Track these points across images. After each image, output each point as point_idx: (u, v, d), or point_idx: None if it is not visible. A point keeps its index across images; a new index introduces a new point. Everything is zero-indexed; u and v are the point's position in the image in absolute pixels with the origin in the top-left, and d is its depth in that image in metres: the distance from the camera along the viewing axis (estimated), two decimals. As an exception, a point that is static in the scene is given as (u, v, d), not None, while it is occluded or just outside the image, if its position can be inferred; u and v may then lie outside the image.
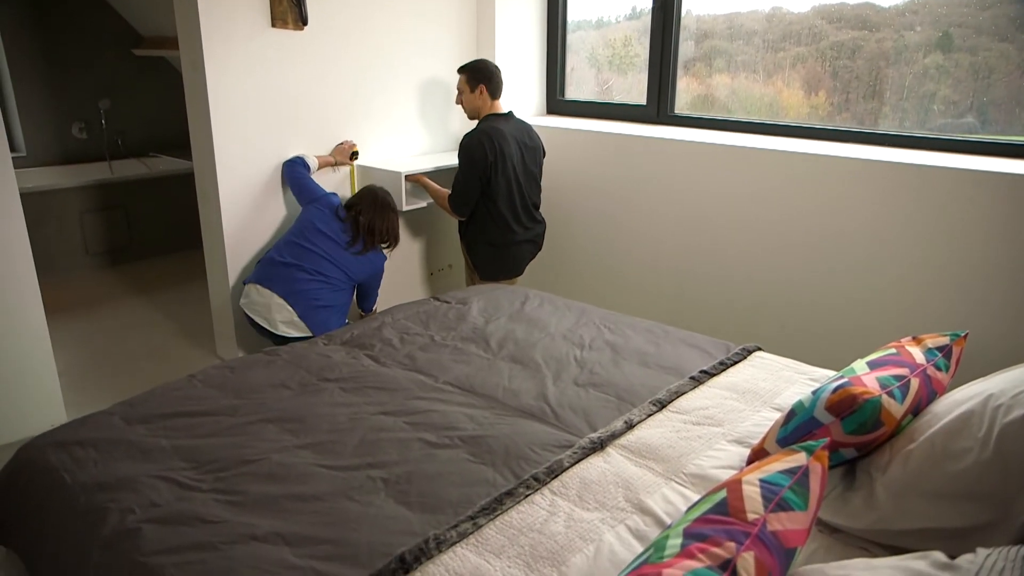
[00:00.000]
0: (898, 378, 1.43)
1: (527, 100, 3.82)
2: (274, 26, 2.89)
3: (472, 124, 3.16)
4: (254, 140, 2.95)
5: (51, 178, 4.37)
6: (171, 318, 3.72)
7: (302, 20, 2.95)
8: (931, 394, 1.47)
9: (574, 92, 3.88)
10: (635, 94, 3.58)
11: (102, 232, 4.40)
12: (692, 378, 1.99)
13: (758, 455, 1.51)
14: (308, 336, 2.75)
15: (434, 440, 1.68)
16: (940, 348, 1.59)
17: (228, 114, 2.83)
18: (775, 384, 1.98)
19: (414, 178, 3.25)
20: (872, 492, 1.33)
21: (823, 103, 3.03)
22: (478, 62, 3.12)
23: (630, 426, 1.75)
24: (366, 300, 3.14)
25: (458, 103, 3.18)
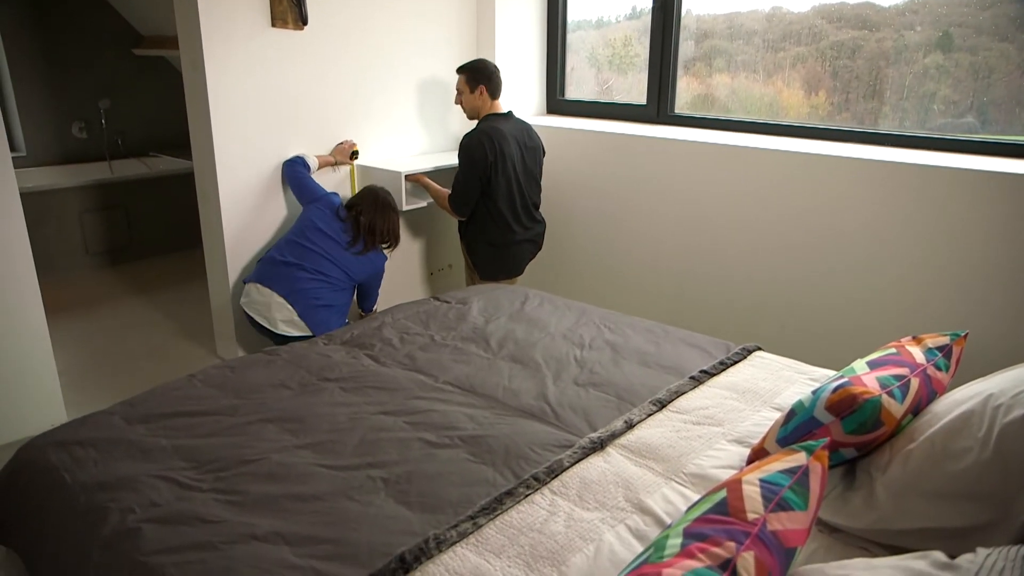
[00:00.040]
0: (898, 378, 1.43)
1: (527, 100, 3.82)
2: (274, 26, 2.89)
3: (472, 124, 3.16)
4: (254, 140, 2.95)
5: (51, 178, 4.38)
6: (171, 318, 3.72)
7: (302, 20, 2.96)
8: (931, 394, 1.47)
9: (574, 92, 3.88)
10: (635, 94, 3.58)
11: (102, 232, 4.40)
12: (692, 378, 1.99)
13: (758, 455, 1.51)
14: (308, 335, 2.76)
15: (434, 440, 1.68)
16: (940, 348, 1.59)
17: (228, 114, 2.84)
18: (775, 384, 1.98)
19: (414, 178, 3.25)
20: (872, 492, 1.33)
21: (823, 103, 3.03)
22: (477, 62, 3.12)
23: (630, 426, 1.75)
24: (366, 300, 3.14)
25: (457, 103, 3.18)
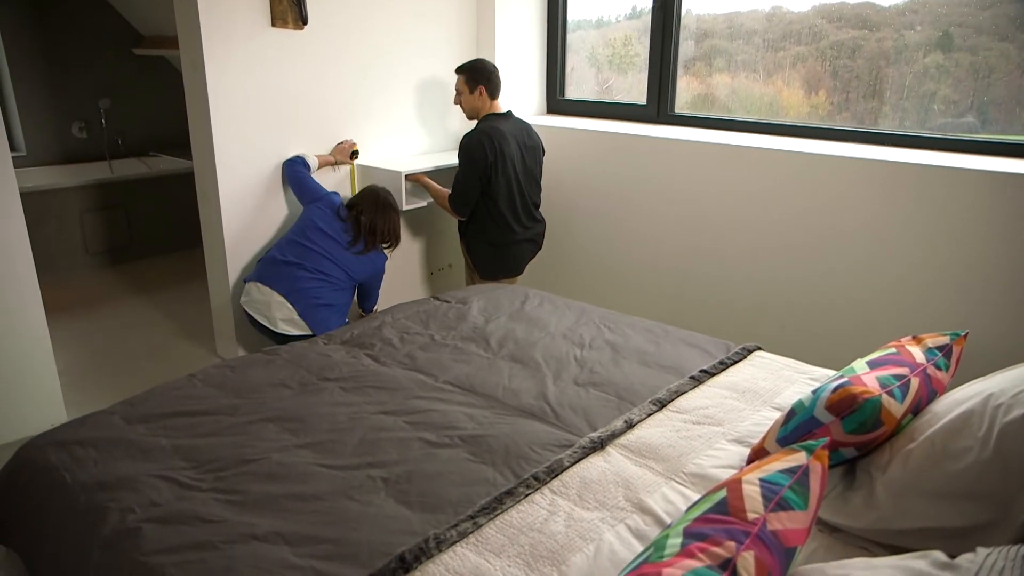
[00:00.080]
0: (898, 377, 1.43)
1: (527, 100, 3.82)
2: (274, 26, 2.89)
3: (471, 124, 3.16)
4: (254, 139, 2.95)
5: (51, 178, 4.38)
6: (171, 317, 3.72)
7: (302, 20, 2.95)
8: (931, 393, 1.47)
9: (574, 92, 3.88)
10: (635, 94, 3.58)
11: (102, 231, 4.40)
12: (692, 377, 1.99)
13: (758, 454, 1.51)
14: (308, 335, 2.76)
15: (434, 439, 1.68)
16: (940, 347, 1.59)
17: (228, 114, 2.84)
18: (775, 384, 1.98)
19: (414, 178, 3.25)
20: (872, 491, 1.33)
21: (823, 102, 3.03)
22: (476, 62, 3.12)
23: (630, 425, 1.75)
24: (367, 300, 3.14)
25: (456, 103, 3.17)
